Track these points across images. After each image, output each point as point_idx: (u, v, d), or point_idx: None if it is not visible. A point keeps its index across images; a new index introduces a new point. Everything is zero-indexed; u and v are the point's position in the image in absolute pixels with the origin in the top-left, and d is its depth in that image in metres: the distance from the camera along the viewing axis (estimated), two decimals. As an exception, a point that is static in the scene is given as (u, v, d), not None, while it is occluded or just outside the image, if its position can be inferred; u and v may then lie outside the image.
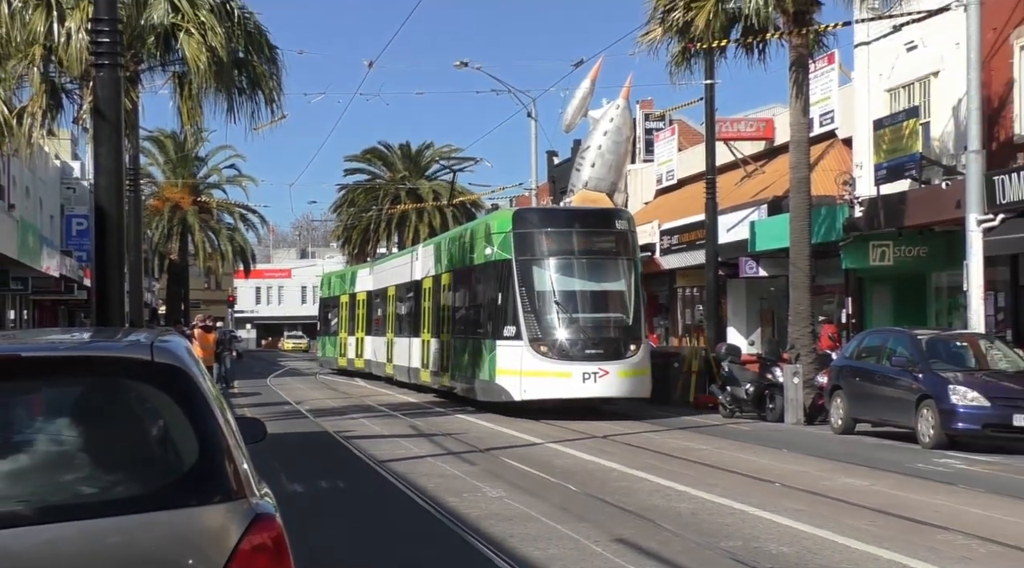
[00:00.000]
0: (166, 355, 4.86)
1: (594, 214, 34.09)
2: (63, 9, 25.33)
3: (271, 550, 4.47)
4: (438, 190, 70.92)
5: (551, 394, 26.92)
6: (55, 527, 4.39)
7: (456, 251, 34.67)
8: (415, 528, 12.81)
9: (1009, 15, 27.01)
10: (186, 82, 27.27)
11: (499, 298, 28.28)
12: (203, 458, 4.59)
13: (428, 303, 37.95)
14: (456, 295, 34.18)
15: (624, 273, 28.12)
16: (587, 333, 27.45)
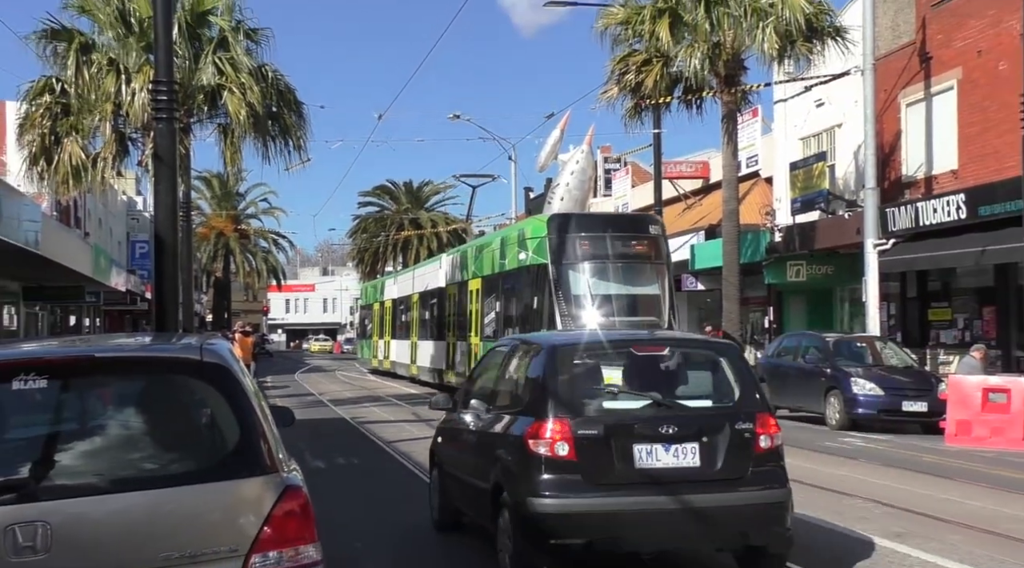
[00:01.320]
0: (213, 355, 4.87)
1: (627, 219, 29.35)
2: (129, 73, 25.37)
3: (299, 514, 4.51)
4: (435, 219, 71.42)
5: None
6: (123, 496, 4.41)
7: (485, 258, 29.22)
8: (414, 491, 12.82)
9: (897, 78, 27.22)
10: (229, 132, 27.28)
11: (534, 302, 23.86)
12: (243, 440, 4.62)
13: (454, 308, 32.77)
14: (485, 299, 28.63)
15: (658, 277, 23.33)
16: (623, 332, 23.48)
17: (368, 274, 78.08)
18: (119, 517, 4.35)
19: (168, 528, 4.36)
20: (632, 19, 27.00)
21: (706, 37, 25.72)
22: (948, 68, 25.78)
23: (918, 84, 26.84)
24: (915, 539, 9.53)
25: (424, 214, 73.20)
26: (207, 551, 4.34)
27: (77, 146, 26.43)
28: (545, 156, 44.26)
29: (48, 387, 4.61)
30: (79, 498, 4.36)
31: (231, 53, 26.64)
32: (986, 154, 24.00)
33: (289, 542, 4.44)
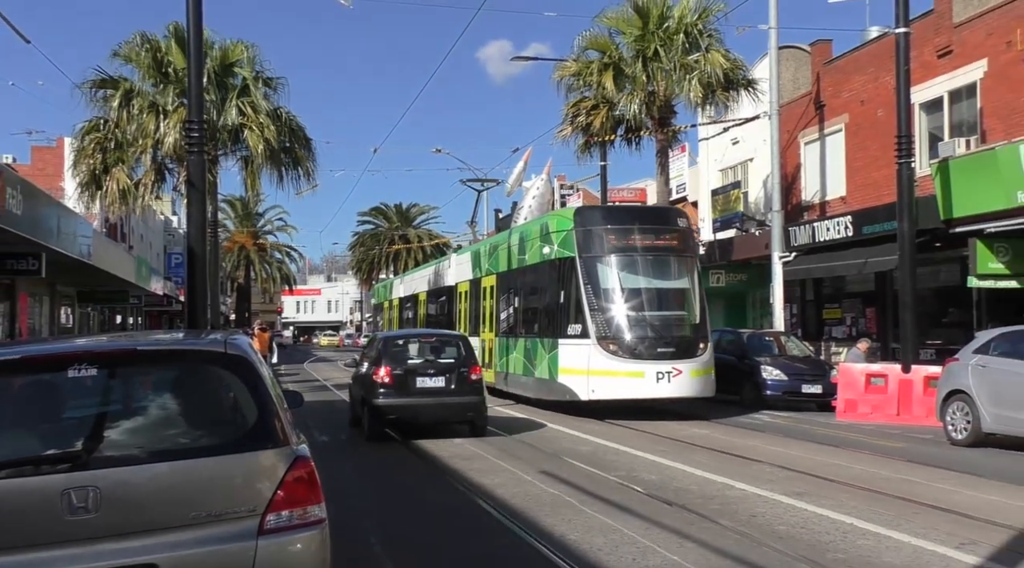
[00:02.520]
0: (235, 348, 4.88)
1: (654, 211, 23.85)
2: (167, 113, 25.30)
3: (306, 480, 4.52)
4: (421, 235, 71.52)
5: (622, 394, 17.99)
6: (160, 465, 4.42)
7: (500, 255, 24.06)
8: (406, 463, 12.78)
9: (797, 122, 27.45)
10: (249, 162, 27.27)
11: (561, 296, 19.33)
12: (260, 418, 4.63)
13: (464, 305, 27.55)
14: (501, 296, 23.52)
15: (688, 270, 19.23)
16: (658, 331, 18.49)
17: (365, 281, 78.73)
18: (156, 482, 4.35)
19: (197, 492, 4.35)
20: (583, 71, 27.05)
21: (643, 87, 25.83)
22: (837, 114, 26.05)
23: (814, 126, 27.10)
24: (812, 497, 9.60)
25: (412, 231, 73.35)
26: (230, 511, 4.34)
27: (123, 174, 26.36)
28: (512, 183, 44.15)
29: (98, 375, 4.61)
30: (123, 467, 4.36)
31: (251, 98, 26.63)
32: (868, 184, 24.31)
33: (298, 503, 4.44)
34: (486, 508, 9.29)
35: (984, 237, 17.97)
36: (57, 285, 27.28)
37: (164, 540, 4.22)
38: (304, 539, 4.43)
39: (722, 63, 24.74)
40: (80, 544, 4.15)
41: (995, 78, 20.39)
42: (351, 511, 8.90)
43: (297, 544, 4.40)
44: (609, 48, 26.75)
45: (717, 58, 24.69)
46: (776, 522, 8.46)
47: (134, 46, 26.16)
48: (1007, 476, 11.15)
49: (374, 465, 12.57)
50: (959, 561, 7.07)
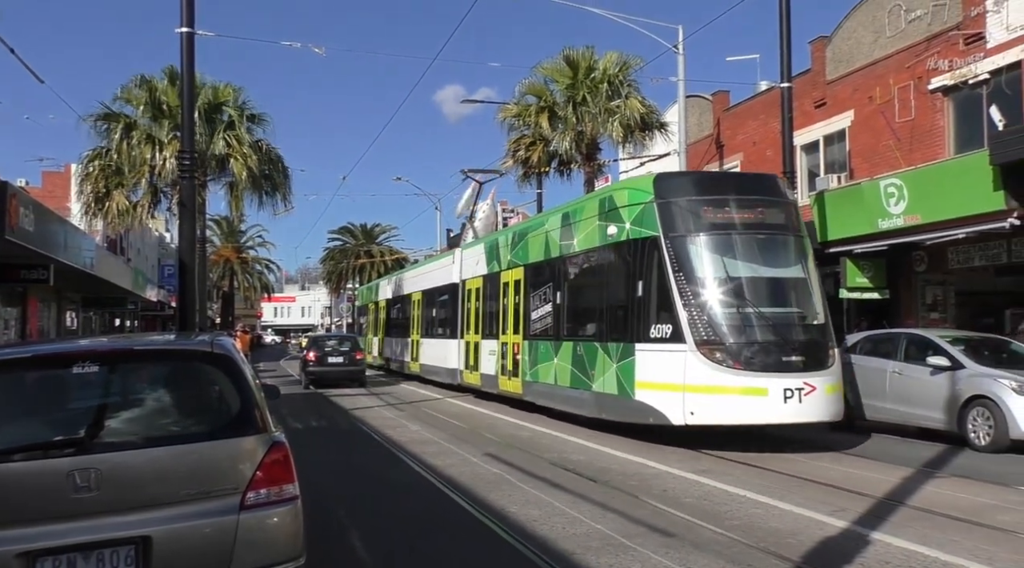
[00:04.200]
0: (221, 348, 4.85)
1: (755, 179, 15.69)
2: (162, 144, 24.94)
3: (282, 462, 4.50)
4: (383, 251, 71.39)
5: (735, 418, 11.65)
6: (154, 450, 4.37)
7: (534, 243, 17.22)
8: (368, 447, 12.71)
9: (701, 158, 27.89)
10: (234, 187, 26.94)
11: (639, 288, 12.79)
12: (242, 409, 4.60)
13: (474, 304, 21.30)
14: (535, 292, 16.79)
15: (803, 254, 13.02)
16: (779, 334, 12.12)
17: (334, 290, 78.52)
18: (151, 465, 4.30)
19: (187, 473, 4.31)
20: (522, 113, 27.19)
21: (573, 127, 26.03)
22: (735, 152, 26.54)
23: (715, 163, 27.55)
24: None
25: (375, 247, 73.08)
26: (215, 489, 4.32)
27: (122, 197, 25.88)
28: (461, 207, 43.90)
29: (99, 371, 4.57)
30: (121, 451, 4.31)
31: (237, 132, 26.36)
32: (760, 211, 24.67)
33: (275, 482, 4.42)
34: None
35: (852, 256, 18.49)
36: (64, 292, 26.63)
37: (157, 515, 4.18)
38: (280, 513, 4.40)
39: (639, 108, 25.10)
40: (83, 519, 4.11)
41: (860, 126, 21.05)
42: (321, 483, 8.83)
43: (274, 518, 4.38)
44: (545, 94, 26.95)
45: (635, 104, 25.05)
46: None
47: (133, 87, 25.83)
48: (872, 454, 11.44)
49: (341, 445, 12.48)
50: (832, 525, 7.23)
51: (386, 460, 11.24)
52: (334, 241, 76.72)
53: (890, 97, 20.13)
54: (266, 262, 76.83)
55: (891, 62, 20.53)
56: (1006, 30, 18.06)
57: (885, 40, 21.01)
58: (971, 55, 18.64)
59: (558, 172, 28.53)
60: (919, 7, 20.12)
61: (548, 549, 6.42)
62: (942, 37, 19.28)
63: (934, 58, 19.30)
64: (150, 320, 48.66)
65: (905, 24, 20.50)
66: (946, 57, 19.10)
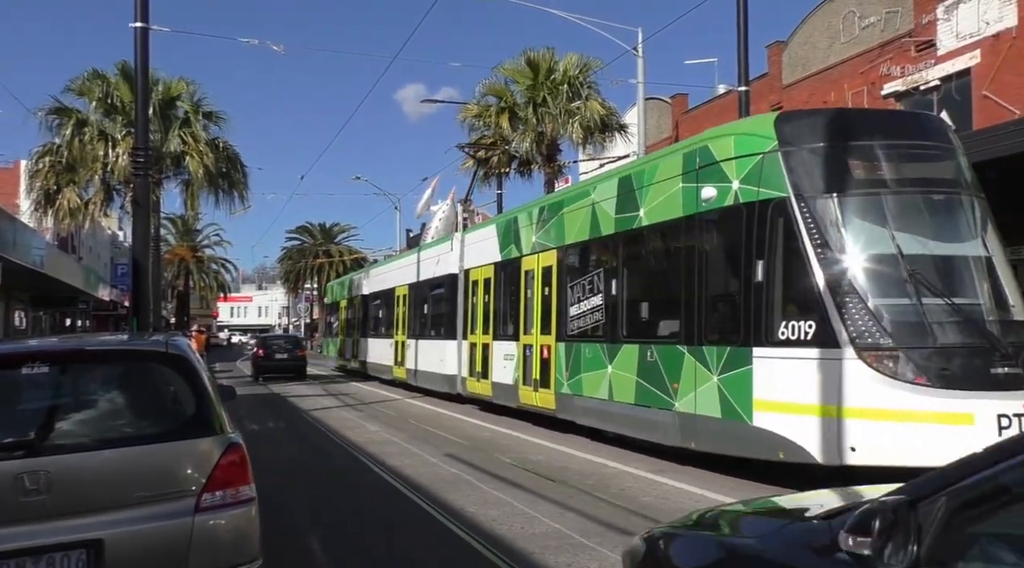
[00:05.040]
0: (175, 348, 4.77)
1: (915, 119, 10.23)
2: (116, 141, 24.54)
3: (238, 463, 4.43)
4: (341, 251, 70.93)
5: (923, 457, 6.68)
6: (106, 452, 4.29)
7: (574, 218, 13.07)
8: (325, 447, 12.60)
9: (661, 160, 28.01)
10: (189, 185, 26.68)
11: (756, 270, 8.57)
12: (198, 410, 4.53)
13: (481, 299, 17.20)
14: (576, 280, 12.85)
15: (985, 223, 8.55)
16: (981, 336, 7.79)
17: (292, 289, 77.90)
18: (103, 467, 4.22)
19: (140, 475, 4.24)
20: (483, 114, 27.22)
21: (533, 128, 26.13)
22: (694, 154, 26.65)
23: (674, 164, 27.66)
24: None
25: (333, 247, 72.62)
26: (170, 492, 4.24)
27: (73, 194, 25.43)
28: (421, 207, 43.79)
29: (49, 372, 4.47)
30: (72, 454, 4.22)
31: (192, 129, 26.06)
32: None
33: (231, 484, 4.36)
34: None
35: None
36: (12, 291, 26.01)
37: (109, 518, 4.09)
38: (235, 516, 4.34)
39: (599, 110, 25.28)
40: (33, 522, 4.01)
41: (817, 129, 21.35)
42: (277, 486, 8.75)
43: (230, 520, 4.32)
44: (505, 95, 27.01)
45: (595, 106, 25.22)
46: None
47: (86, 80, 25.32)
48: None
49: (297, 444, 12.38)
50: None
51: (345, 460, 11.16)
52: (292, 240, 76.24)
53: (844, 102, 20.51)
54: (222, 261, 75.96)
55: (845, 67, 20.94)
56: (956, 38, 18.53)
57: (840, 46, 21.42)
58: (922, 62, 19.09)
59: (518, 173, 28.62)
60: (872, 14, 20.55)
61: (507, 548, 6.43)
62: (895, 43, 19.72)
63: (887, 64, 19.73)
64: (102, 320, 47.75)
65: (859, 30, 20.94)
66: (898, 63, 19.54)
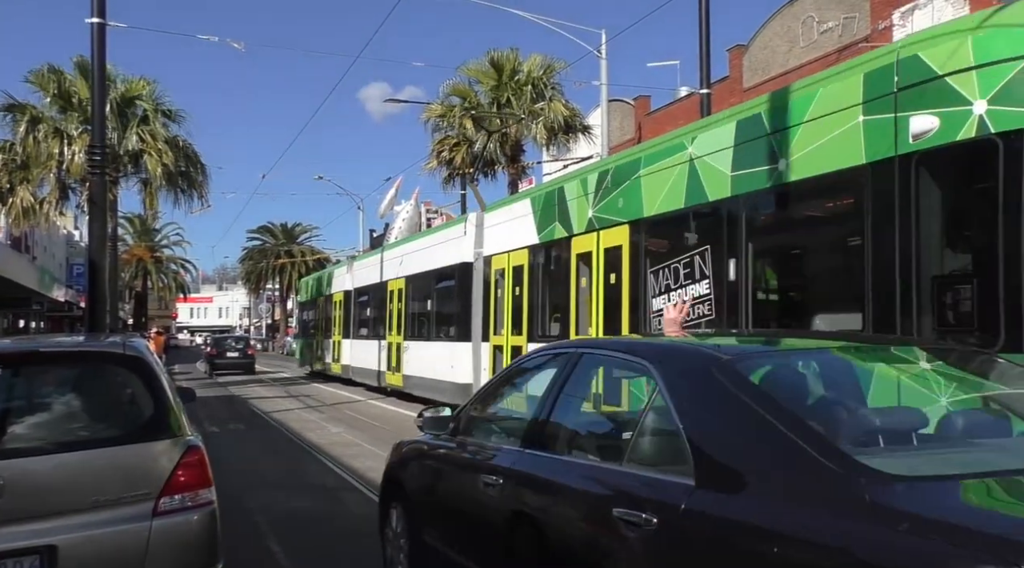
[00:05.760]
0: (132, 350, 4.69)
1: None
2: (72, 139, 24.08)
3: (198, 467, 4.37)
4: (303, 251, 70.45)
5: None
6: (62, 455, 4.20)
7: (656, 184, 9.37)
8: (284, 448, 12.48)
9: (624, 161, 28.15)
10: (148, 184, 26.27)
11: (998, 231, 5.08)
12: (156, 412, 4.45)
13: (511, 290, 13.70)
14: (665, 263, 9.18)
15: None
16: None
17: (254, 290, 77.10)
18: (58, 471, 4.12)
19: (96, 479, 4.15)
20: (447, 114, 27.16)
21: (498, 128, 26.14)
22: (656, 156, 26.78)
23: (637, 166, 27.78)
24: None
25: (296, 247, 72.15)
26: (127, 496, 4.16)
27: (27, 192, 24.90)
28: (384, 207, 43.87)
29: (2, 374, 4.38)
30: (26, 458, 4.12)
31: (151, 127, 25.67)
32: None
33: (190, 487, 4.29)
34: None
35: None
36: (-38, 292, 25.41)
37: (64, 523, 4.01)
38: (195, 519, 4.27)
39: (563, 111, 25.37)
40: (-16, 528, 3.91)
41: (777, 132, 21.59)
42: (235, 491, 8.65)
43: (188, 524, 4.25)
44: (469, 95, 26.98)
45: (559, 107, 25.30)
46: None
47: (42, 76, 24.82)
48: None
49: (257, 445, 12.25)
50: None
51: (305, 462, 11.06)
52: (253, 240, 75.53)
53: (804, 105, 20.78)
54: (182, 261, 75.00)
55: (804, 71, 21.22)
56: (912, 43, 18.85)
57: (799, 50, 21.73)
58: (879, 67, 19.42)
59: (482, 173, 28.58)
60: (830, 19, 20.88)
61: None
62: (852, 48, 20.03)
63: (845, 69, 20.03)
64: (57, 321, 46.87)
65: (817, 35, 21.25)
66: (856, 68, 19.85)
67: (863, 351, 3.75)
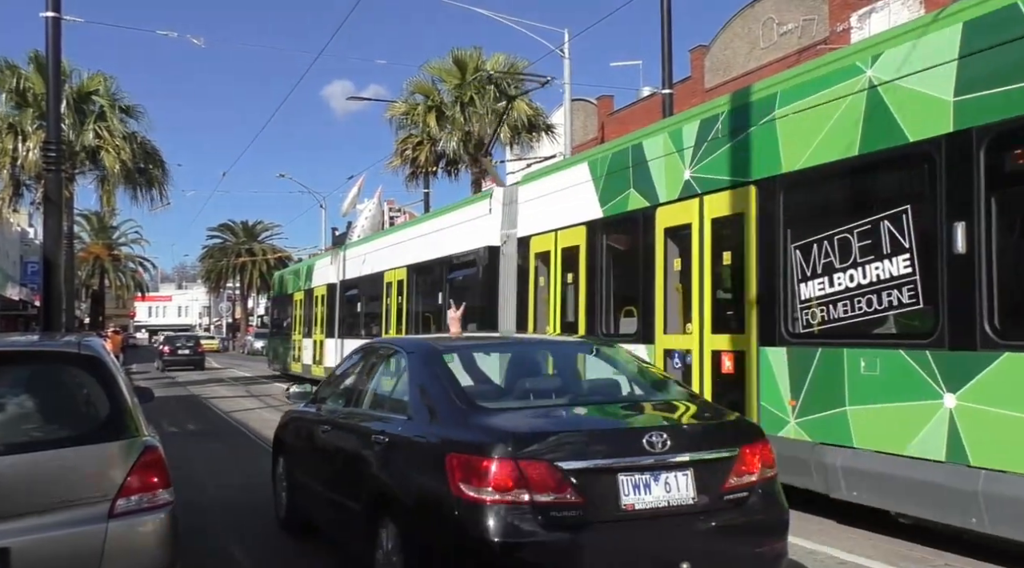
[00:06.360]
0: (88, 349, 4.63)
1: None
2: (26, 134, 23.63)
3: (155, 467, 4.31)
4: (265, 249, 69.80)
5: None
6: (16, 457, 4.12)
7: (794, 131, 7.17)
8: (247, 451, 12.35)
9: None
10: (105, 181, 25.84)
11: None
12: (112, 412, 4.39)
13: (566, 278, 10.83)
14: (818, 235, 6.88)
15: None
16: None
17: (214, 289, 76.24)
18: (12, 472, 4.04)
19: (52, 480, 4.08)
20: (410, 112, 27.10)
21: (461, 127, 26.10)
22: (619, 155, 26.86)
23: (600, 165, 27.86)
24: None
25: (257, 245, 71.38)
26: (83, 497, 4.10)
27: (-21, 189, 24.35)
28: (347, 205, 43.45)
29: (-47, 374, 4.27)
30: (-22, 459, 4.03)
31: (109, 123, 25.26)
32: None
33: (148, 489, 4.23)
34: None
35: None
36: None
37: (17, 525, 3.93)
38: (152, 521, 4.22)
39: (526, 111, 25.43)
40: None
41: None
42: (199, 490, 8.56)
43: (145, 525, 4.19)
44: (432, 93, 26.93)
45: (522, 106, 25.33)
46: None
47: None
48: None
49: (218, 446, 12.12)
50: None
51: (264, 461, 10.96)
52: (213, 238, 74.74)
53: (764, 106, 21.04)
54: (140, 260, 74.18)
55: (765, 73, 21.50)
56: (868, 46, 19.17)
57: (759, 51, 22.00)
58: (837, 69, 19.73)
59: (445, 172, 28.55)
60: (790, 21, 21.17)
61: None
62: (812, 50, 20.33)
63: (804, 70, 20.33)
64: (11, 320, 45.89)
65: (777, 36, 21.54)
66: (815, 70, 20.15)
67: (525, 345, 6.34)
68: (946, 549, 6.15)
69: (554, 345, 6.38)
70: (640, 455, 4.16)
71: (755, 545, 4.39)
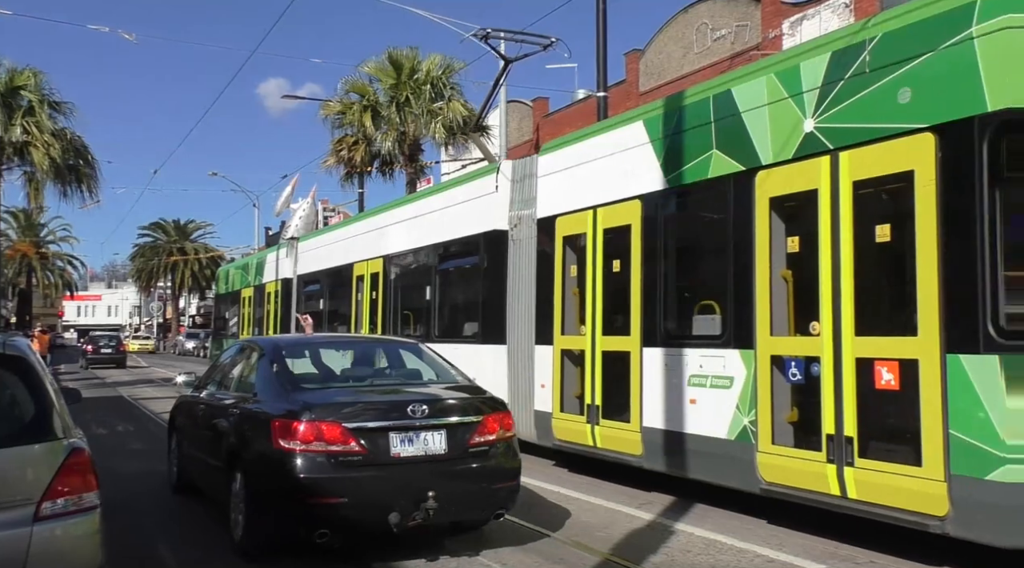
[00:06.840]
0: (14, 349, 4.51)
1: None
2: (-53, 129, 22.83)
3: (82, 469, 4.24)
4: (197, 248, 68.41)
5: None
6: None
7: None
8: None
9: (524, 161, 28.41)
10: (34, 178, 25.21)
11: None
12: (37, 414, 4.31)
13: (618, 265, 8.54)
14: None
15: None
16: None
17: (144, 288, 74.46)
18: None
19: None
20: (346, 111, 26.89)
21: (396, 127, 26.01)
22: (556, 157, 27.03)
23: (537, 166, 28.02)
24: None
25: (189, 244, 69.98)
26: (6, 500, 4.00)
27: (-101, 185, 23.40)
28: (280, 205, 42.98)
29: None
30: None
31: (37, 118, 24.63)
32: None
33: (74, 491, 4.16)
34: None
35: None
36: None
37: (-63, 530, 3.83)
38: (79, 524, 4.15)
39: (462, 111, 25.44)
40: None
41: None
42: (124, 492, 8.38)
43: (71, 529, 4.12)
44: (368, 92, 26.77)
45: (458, 107, 25.36)
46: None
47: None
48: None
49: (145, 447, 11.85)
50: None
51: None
52: (145, 237, 73.16)
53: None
54: (69, 258, 71.96)
55: (698, 77, 21.94)
56: (795, 53, 19.70)
57: (693, 56, 22.43)
58: (766, 75, 20.24)
59: (380, 172, 28.43)
60: (723, 26, 21.64)
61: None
62: (744, 56, 20.83)
63: (734, 76, 20.80)
64: (-70, 321, 44.06)
65: (711, 42, 21.99)
66: (745, 75, 20.63)
67: (360, 343, 8.84)
68: (871, 548, 6.21)
69: (383, 343, 8.75)
70: (405, 419, 5.87)
71: (492, 483, 6.09)
